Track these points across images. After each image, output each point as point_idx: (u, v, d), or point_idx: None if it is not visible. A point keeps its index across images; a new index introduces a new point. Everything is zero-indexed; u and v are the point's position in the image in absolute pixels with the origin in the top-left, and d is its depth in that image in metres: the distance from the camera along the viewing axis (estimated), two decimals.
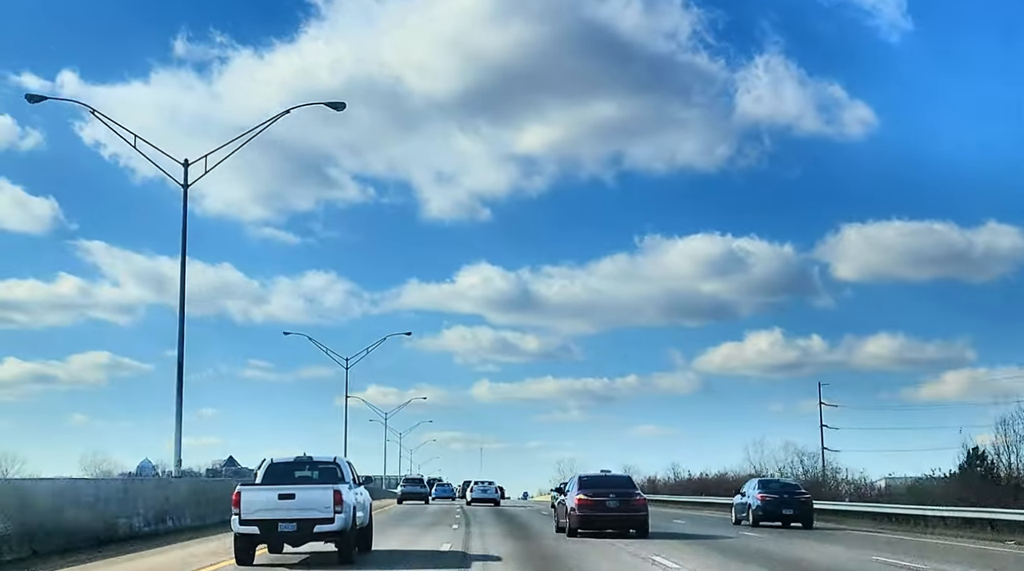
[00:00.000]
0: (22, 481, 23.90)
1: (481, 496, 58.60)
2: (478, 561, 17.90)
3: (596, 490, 25.82)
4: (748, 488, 34.83)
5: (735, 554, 20.69)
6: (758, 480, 35.66)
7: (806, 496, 33.64)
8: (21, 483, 21.66)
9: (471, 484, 63.33)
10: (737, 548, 22.42)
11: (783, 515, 32.66)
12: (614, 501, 25.59)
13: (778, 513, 32.63)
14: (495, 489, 60.76)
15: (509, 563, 17.75)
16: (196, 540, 22.49)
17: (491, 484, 61.61)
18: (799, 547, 23.24)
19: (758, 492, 33.36)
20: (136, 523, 23.04)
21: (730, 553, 20.91)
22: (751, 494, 33.77)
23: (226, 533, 19.13)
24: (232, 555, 16.94)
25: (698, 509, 54.34)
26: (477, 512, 43.41)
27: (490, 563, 17.66)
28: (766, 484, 34.56)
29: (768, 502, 32.74)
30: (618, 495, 25.83)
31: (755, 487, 34.07)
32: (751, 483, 35.33)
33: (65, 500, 19.77)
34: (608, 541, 23.15)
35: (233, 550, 16.88)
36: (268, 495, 16.48)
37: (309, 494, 16.48)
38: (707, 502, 56.49)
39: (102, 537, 20.68)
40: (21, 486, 20.04)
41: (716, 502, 53.23)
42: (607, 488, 26.13)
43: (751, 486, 34.71)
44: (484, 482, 62.26)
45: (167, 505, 25.54)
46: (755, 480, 35.94)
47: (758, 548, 22.53)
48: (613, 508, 25.52)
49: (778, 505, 32.67)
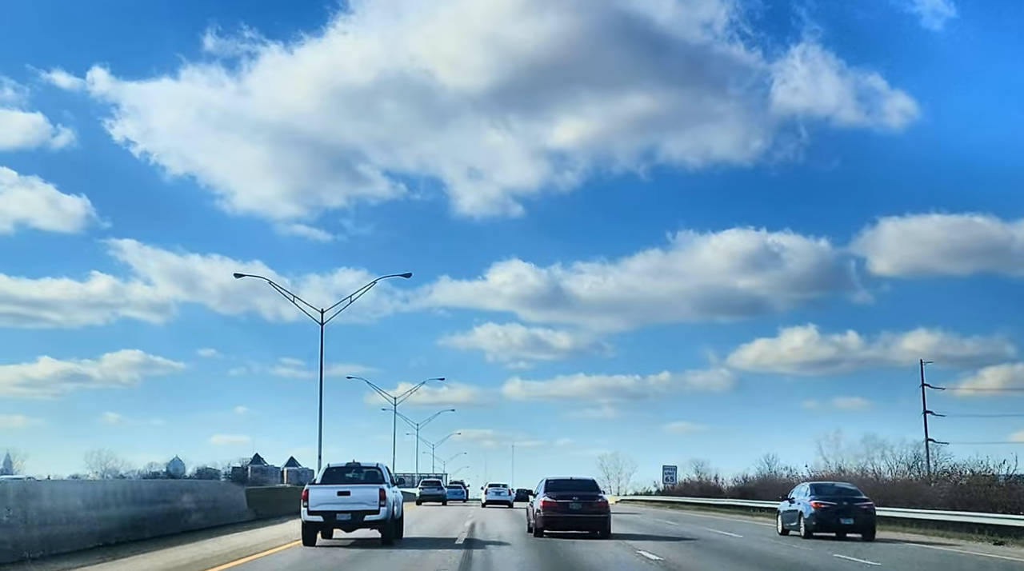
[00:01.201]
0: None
1: (495, 498, 64.21)
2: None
3: (560, 493, 27.10)
4: (798, 493, 31.25)
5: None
6: (810, 484, 32.02)
7: (868, 503, 29.64)
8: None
9: (485, 487, 69.73)
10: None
11: (840, 525, 28.82)
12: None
13: (835, 523, 28.84)
14: (507, 491, 66.47)
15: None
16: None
17: (504, 487, 67.66)
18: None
19: (811, 498, 29.65)
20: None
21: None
22: (802, 500, 30.15)
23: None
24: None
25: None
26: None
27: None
28: (820, 489, 30.73)
29: (824, 510, 28.99)
30: (581, 498, 26.96)
31: (807, 492, 30.39)
32: (801, 488, 31.96)
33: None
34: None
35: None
36: (329, 492, 22.07)
37: (361, 491, 22.06)
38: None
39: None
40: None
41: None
42: (571, 491, 27.25)
43: (802, 491, 31.07)
44: (499, 485, 68.55)
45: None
46: (806, 484, 32.44)
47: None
48: (576, 510, 26.70)
49: (835, 513, 28.89)
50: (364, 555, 20.09)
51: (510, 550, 22.30)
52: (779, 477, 61.03)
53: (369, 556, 19.88)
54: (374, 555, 20.07)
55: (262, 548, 21.55)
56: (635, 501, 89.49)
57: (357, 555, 20.07)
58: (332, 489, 22.24)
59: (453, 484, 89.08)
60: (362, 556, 19.86)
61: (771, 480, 60.57)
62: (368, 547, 22.21)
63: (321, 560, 19.03)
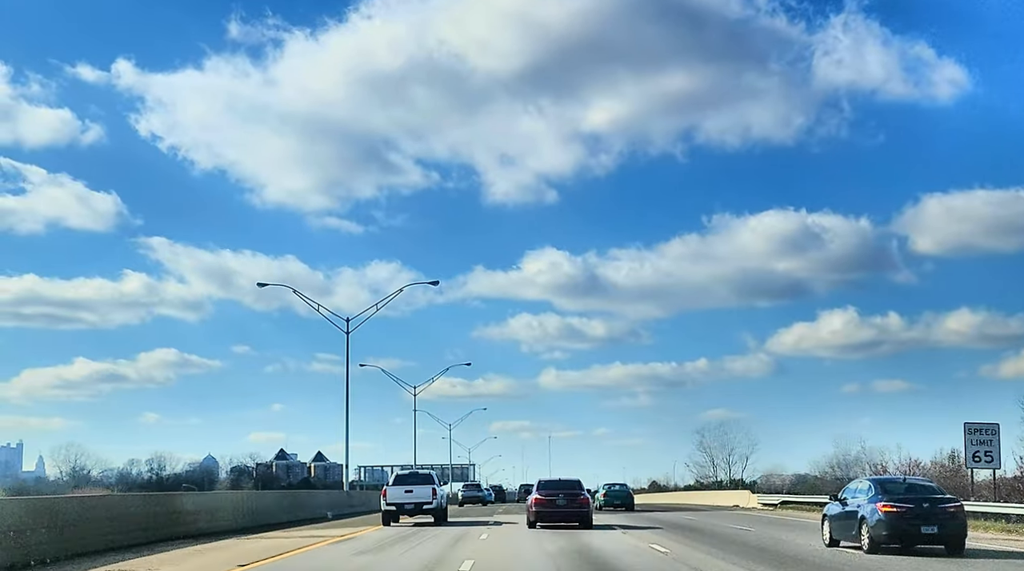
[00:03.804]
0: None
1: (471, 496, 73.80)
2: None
3: (549, 491, 31.53)
4: (856, 492, 22.93)
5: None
6: (872, 480, 23.16)
7: (955, 504, 21.43)
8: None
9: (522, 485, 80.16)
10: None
11: (921, 534, 20.76)
12: (563, 500, 31.09)
13: (914, 532, 20.74)
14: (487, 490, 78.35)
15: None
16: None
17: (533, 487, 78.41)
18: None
19: (877, 499, 21.35)
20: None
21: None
22: (863, 502, 21.82)
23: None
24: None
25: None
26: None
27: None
28: (888, 486, 22.28)
29: (898, 516, 20.80)
30: (566, 495, 31.26)
31: (871, 491, 22.07)
32: (860, 485, 23.34)
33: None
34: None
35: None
36: (399, 490, 32.62)
37: (420, 489, 32.59)
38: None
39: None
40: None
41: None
42: (558, 490, 31.60)
43: (862, 490, 22.63)
44: (528, 486, 79.10)
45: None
46: (866, 480, 23.67)
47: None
48: (562, 506, 31.04)
49: (913, 519, 20.72)
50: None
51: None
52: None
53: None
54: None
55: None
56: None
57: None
58: (401, 488, 32.83)
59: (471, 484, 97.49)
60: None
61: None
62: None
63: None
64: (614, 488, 53.53)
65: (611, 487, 53.87)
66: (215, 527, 28.33)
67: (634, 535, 27.21)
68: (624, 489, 54.46)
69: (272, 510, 35.08)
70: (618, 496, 52.05)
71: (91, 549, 20.43)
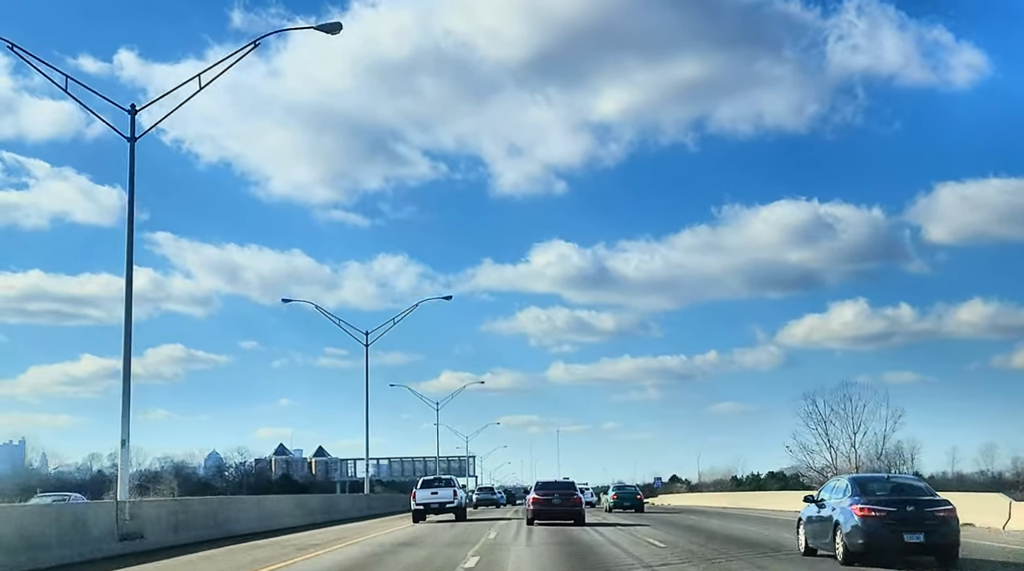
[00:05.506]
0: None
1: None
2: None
3: (545, 491, 34.31)
4: (833, 492, 19.85)
5: None
6: (851, 479, 19.63)
7: (945, 508, 18.00)
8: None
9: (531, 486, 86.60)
10: None
11: (904, 543, 17.56)
12: (557, 499, 34.00)
13: (895, 540, 17.55)
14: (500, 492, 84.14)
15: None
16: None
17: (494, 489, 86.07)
18: None
19: (855, 501, 18.18)
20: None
21: None
22: (839, 503, 18.80)
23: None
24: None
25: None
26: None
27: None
28: (867, 485, 19.16)
29: (876, 520, 17.63)
30: (561, 495, 34.13)
31: (848, 490, 18.91)
32: (838, 484, 20.02)
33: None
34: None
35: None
36: (426, 492, 41.16)
37: (443, 491, 41.14)
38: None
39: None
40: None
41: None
42: (553, 490, 34.52)
43: (840, 489, 19.45)
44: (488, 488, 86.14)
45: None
46: (844, 479, 20.09)
47: None
48: (557, 504, 33.74)
49: (895, 526, 17.57)
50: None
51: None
52: None
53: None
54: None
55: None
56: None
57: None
58: (427, 490, 41.16)
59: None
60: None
61: None
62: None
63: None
64: (624, 490, 58.15)
65: (620, 489, 58.77)
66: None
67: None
68: (633, 491, 58.11)
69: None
70: (627, 498, 55.82)
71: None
